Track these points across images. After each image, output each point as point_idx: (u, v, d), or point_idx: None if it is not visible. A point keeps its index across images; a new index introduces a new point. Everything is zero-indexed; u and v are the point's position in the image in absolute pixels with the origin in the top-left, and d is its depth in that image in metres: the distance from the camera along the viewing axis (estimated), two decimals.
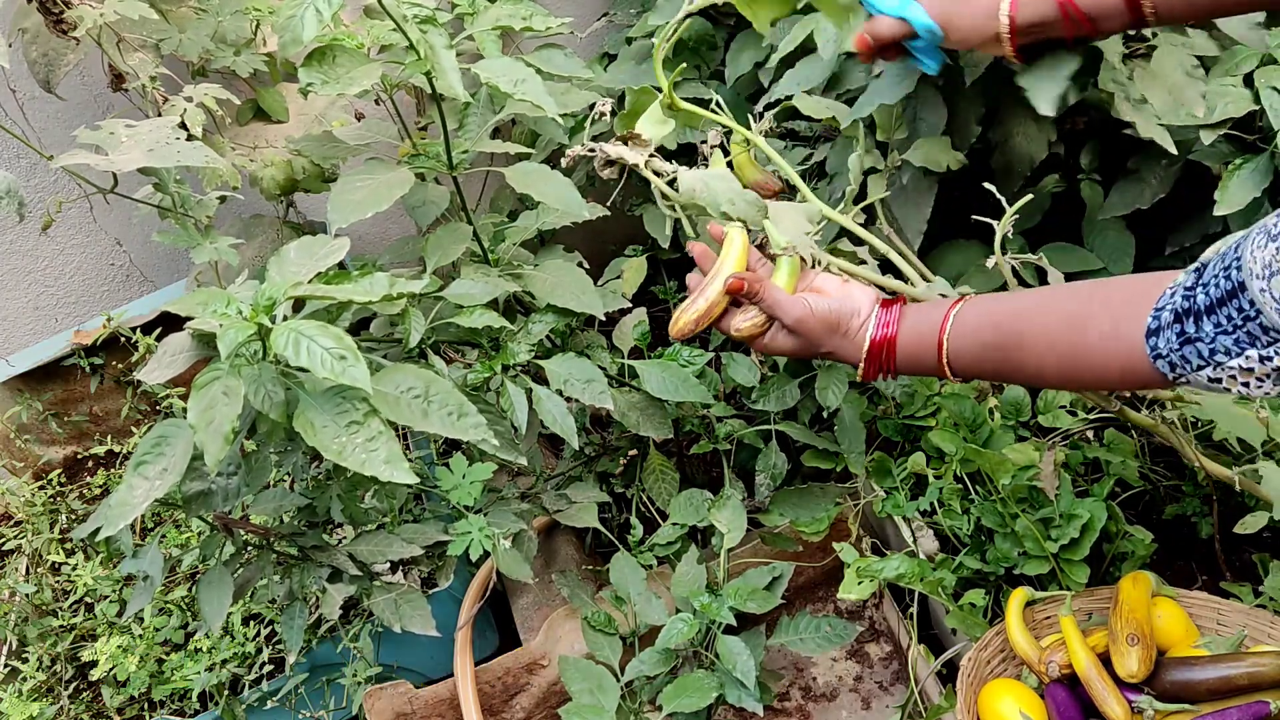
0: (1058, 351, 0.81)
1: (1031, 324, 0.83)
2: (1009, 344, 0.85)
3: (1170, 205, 1.32)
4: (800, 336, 0.95)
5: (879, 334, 0.92)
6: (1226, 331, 0.69)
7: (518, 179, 1.21)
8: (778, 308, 0.94)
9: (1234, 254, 0.68)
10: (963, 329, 0.88)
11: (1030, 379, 0.86)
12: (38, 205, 1.70)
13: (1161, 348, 0.73)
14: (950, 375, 0.90)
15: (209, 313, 0.93)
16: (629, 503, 1.58)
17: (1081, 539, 1.23)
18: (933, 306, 0.92)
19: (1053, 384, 0.86)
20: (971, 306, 0.89)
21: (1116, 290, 0.79)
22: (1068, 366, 0.81)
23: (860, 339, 0.93)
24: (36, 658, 1.53)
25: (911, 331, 0.91)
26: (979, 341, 0.87)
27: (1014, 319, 0.85)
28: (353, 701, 1.38)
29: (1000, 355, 0.86)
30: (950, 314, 0.89)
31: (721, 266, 0.97)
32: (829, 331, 0.94)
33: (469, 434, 0.96)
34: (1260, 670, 1.03)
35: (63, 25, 1.35)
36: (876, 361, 0.93)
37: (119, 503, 0.93)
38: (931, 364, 0.90)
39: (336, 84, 1.07)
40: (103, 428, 1.87)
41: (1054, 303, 0.83)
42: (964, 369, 0.89)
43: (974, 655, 1.16)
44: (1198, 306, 0.70)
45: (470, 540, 1.25)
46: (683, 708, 1.24)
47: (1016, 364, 0.85)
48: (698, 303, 0.97)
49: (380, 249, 1.74)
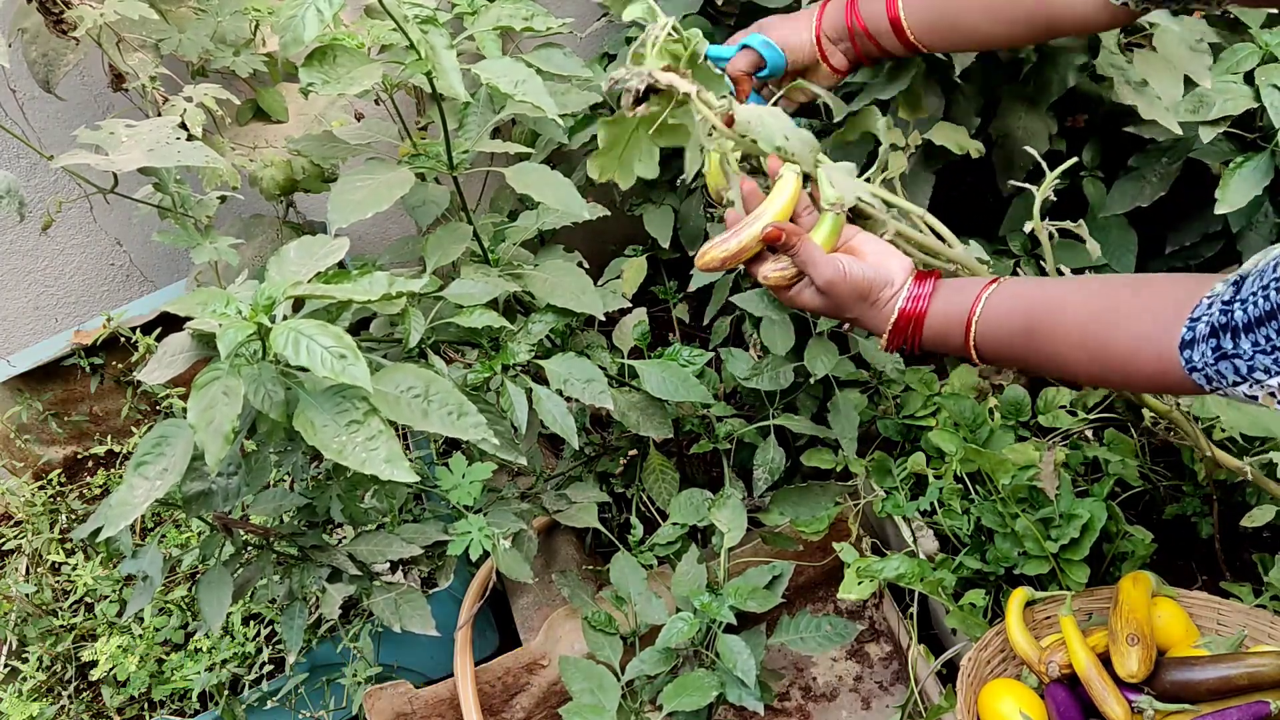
0: (1088, 348, 0.79)
1: (1064, 314, 0.81)
2: (1040, 332, 0.83)
3: (1170, 203, 1.32)
4: (828, 298, 0.92)
5: (909, 307, 0.90)
6: (1265, 351, 0.67)
7: (518, 179, 1.21)
8: (811, 265, 0.91)
9: (1273, 273, 0.66)
10: (994, 312, 0.86)
11: (1057, 371, 0.85)
12: (38, 205, 1.70)
13: (1196, 361, 0.72)
14: (975, 358, 0.88)
15: (209, 313, 0.93)
16: (629, 503, 1.58)
17: (1081, 539, 1.23)
18: (966, 284, 0.89)
19: (1080, 379, 0.85)
20: (1005, 289, 0.86)
21: (1154, 291, 0.77)
22: (1097, 364, 0.79)
23: (889, 310, 0.91)
24: (36, 658, 1.53)
25: (941, 309, 0.89)
26: (1009, 327, 0.85)
27: (1047, 307, 0.83)
28: (353, 701, 1.38)
29: (1029, 343, 0.84)
30: (983, 295, 0.86)
31: (765, 210, 0.94)
32: (858, 298, 0.91)
33: (469, 433, 0.96)
34: (1260, 670, 1.03)
35: (63, 25, 1.35)
36: (902, 335, 0.91)
37: (119, 503, 0.93)
38: (958, 344, 0.88)
39: (337, 84, 1.07)
40: (103, 428, 1.87)
41: (1090, 295, 0.81)
42: (991, 353, 0.87)
43: (974, 655, 1.16)
44: (1235, 323, 0.69)
45: (470, 540, 1.25)
46: (683, 707, 1.24)
47: (1046, 355, 0.83)
48: (729, 242, 0.93)
49: (380, 249, 1.74)
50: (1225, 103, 1.18)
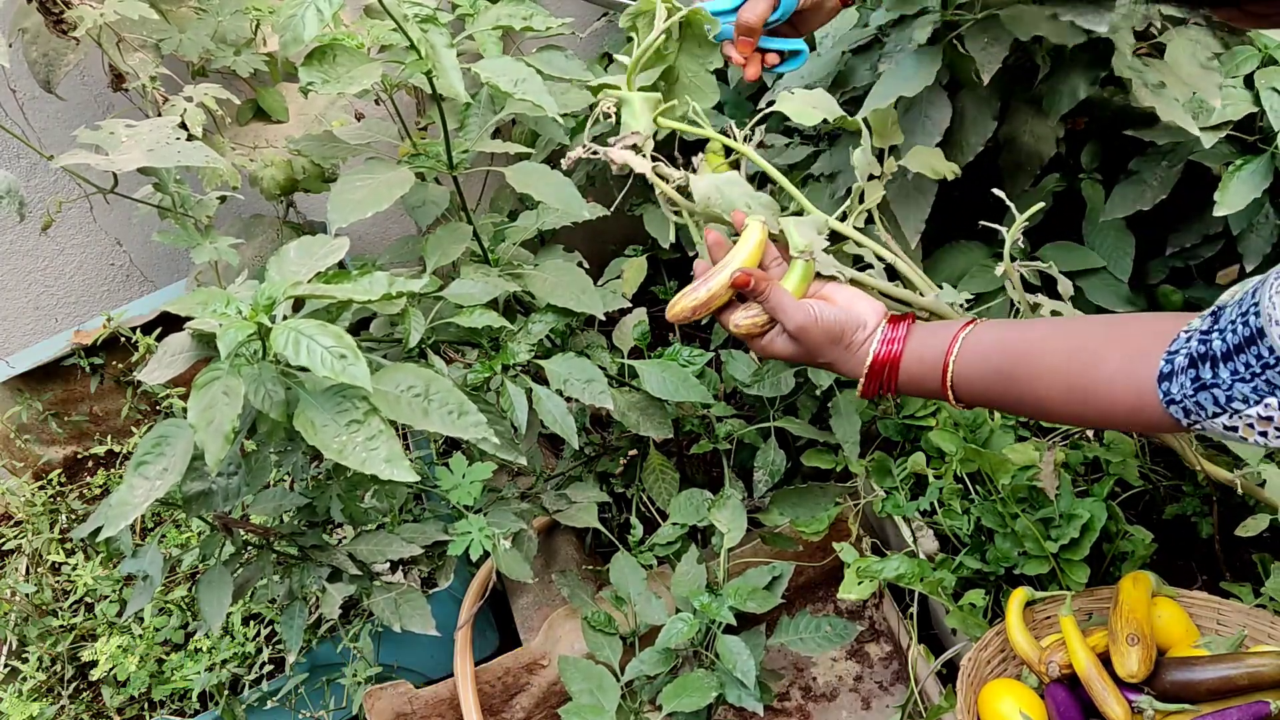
0: (1066, 384, 0.79)
1: (1042, 353, 0.81)
2: (1017, 372, 0.83)
3: (1170, 206, 1.32)
4: (800, 344, 0.92)
5: (883, 350, 0.90)
6: (1244, 379, 0.67)
7: (518, 179, 1.21)
8: (781, 311, 0.91)
9: (1252, 299, 0.66)
10: (970, 354, 0.86)
11: (1035, 410, 0.84)
12: (38, 205, 1.70)
13: (1174, 393, 0.71)
14: (953, 400, 0.88)
15: (209, 312, 0.92)
16: (629, 503, 1.58)
17: (1081, 539, 1.23)
18: (940, 327, 0.90)
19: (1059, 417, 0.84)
20: (981, 331, 0.87)
21: (1131, 328, 0.78)
22: (1076, 400, 0.79)
23: (863, 354, 0.91)
24: (36, 658, 1.53)
25: (916, 351, 0.89)
26: (986, 367, 0.85)
27: (1024, 346, 0.83)
28: (353, 701, 1.38)
29: (1007, 383, 0.84)
30: (959, 336, 0.87)
31: (732, 258, 0.95)
32: (831, 342, 0.91)
33: (469, 432, 0.95)
34: (1260, 670, 1.03)
35: (63, 25, 1.35)
36: (878, 379, 0.91)
37: (119, 502, 0.93)
38: (935, 387, 0.88)
39: (337, 83, 1.07)
40: (103, 428, 1.87)
41: (1066, 334, 0.82)
42: (968, 395, 0.87)
43: (974, 655, 1.16)
44: (1214, 352, 0.68)
45: (470, 540, 1.25)
46: (683, 707, 1.24)
47: (1022, 393, 0.83)
48: (699, 291, 0.94)
49: (380, 249, 1.74)
50: (1226, 108, 1.18)
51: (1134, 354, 0.75)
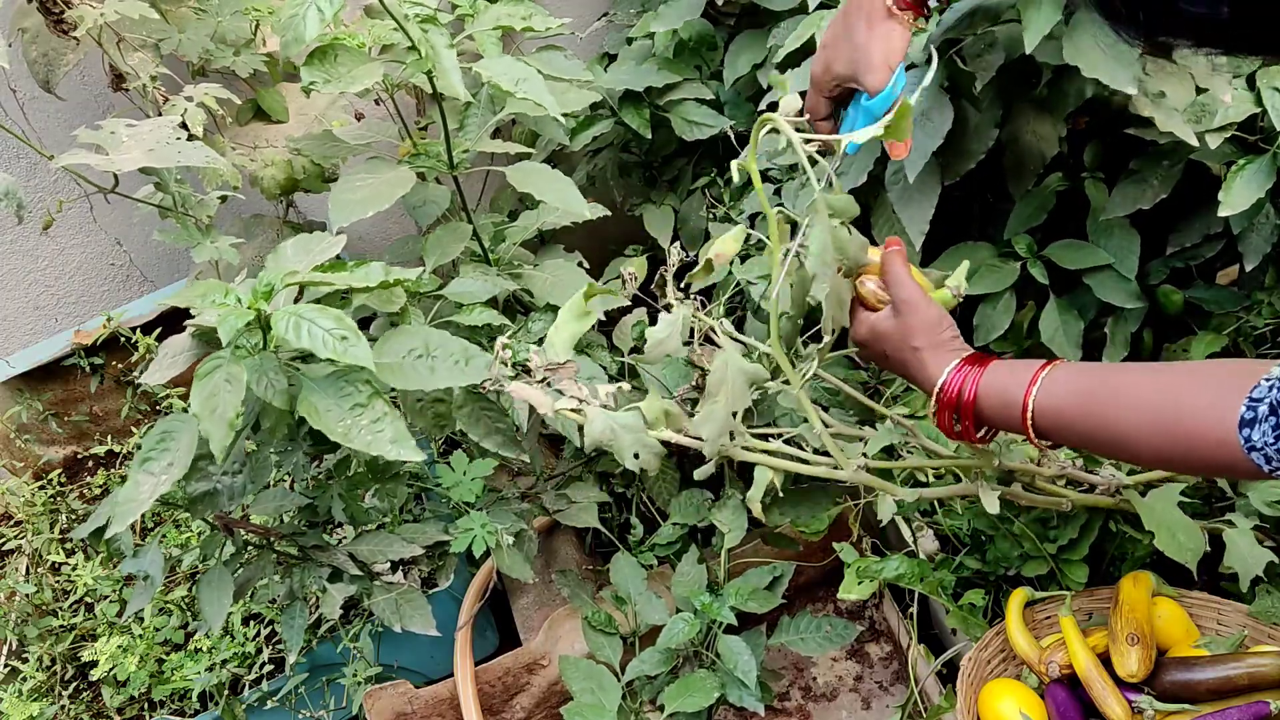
0: (1153, 419, 0.79)
1: (1130, 386, 0.82)
2: (1103, 406, 0.83)
3: (1171, 204, 1.32)
4: (902, 319, 0.94)
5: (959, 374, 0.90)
6: None
7: (518, 178, 1.21)
8: (898, 282, 0.94)
9: None
10: (1054, 385, 0.86)
11: (1117, 444, 0.84)
12: (38, 205, 1.70)
13: (1256, 440, 0.72)
14: (1033, 434, 0.87)
15: (209, 303, 0.92)
16: (629, 503, 1.58)
17: (1081, 539, 1.23)
18: (1021, 364, 0.90)
19: (1144, 458, 0.83)
20: (1063, 368, 0.87)
21: (1212, 373, 0.78)
22: (1163, 441, 0.79)
23: (948, 356, 0.92)
24: (36, 658, 1.53)
25: (998, 379, 0.89)
26: (1071, 401, 0.85)
27: (1111, 380, 0.84)
28: (353, 701, 1.38)
29: (1091, 417, 0.84)
30: (1041, 374, 0.87)
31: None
32: (927, 328, 0.93)
33: (480, 374, 0.95)
34: (1260, 670, 1.03)
35: (63, 25, 1.35)
36: (951, 405, 0.91)
37: (125, 499, 0.93)
38: (1015, 415, 0.88)
39: (338, 83, 1.08)
40: (103, 428, 1.87)
41: (1154, 372, 0.82)
42: (1050, 427, 0.87)
43: (974, 655, 1.16)
44: None
45: (472, 537, 1.25)
46: (684, 707, 1.24)
47: (1108, 428, 0.83)
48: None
49: (380, 249, 1.74)
50: (1228, 110, 1.18)
51: (1218, 398, 0.75)
